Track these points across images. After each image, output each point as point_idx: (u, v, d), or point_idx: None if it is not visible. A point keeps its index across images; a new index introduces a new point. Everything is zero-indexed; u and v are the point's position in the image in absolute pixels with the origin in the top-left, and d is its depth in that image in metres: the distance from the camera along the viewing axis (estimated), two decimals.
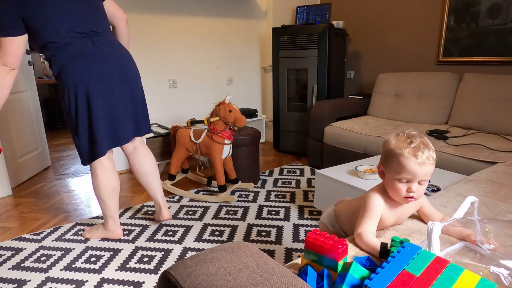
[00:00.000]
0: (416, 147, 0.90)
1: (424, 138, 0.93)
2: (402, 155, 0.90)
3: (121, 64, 1.74)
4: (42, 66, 5.05)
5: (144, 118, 1.88)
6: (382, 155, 0.99)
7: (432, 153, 0.91)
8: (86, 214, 2.26)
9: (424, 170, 0.90)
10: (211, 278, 0.58)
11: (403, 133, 0.95)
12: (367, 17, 3.28)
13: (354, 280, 0.66)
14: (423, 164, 0.89)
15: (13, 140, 2.75)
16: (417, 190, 0.92)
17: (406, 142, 0.92)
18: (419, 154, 0.89)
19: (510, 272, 0.69)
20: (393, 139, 0.95)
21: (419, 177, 0.90)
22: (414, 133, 0.94)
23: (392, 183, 0.94)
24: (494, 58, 2.50)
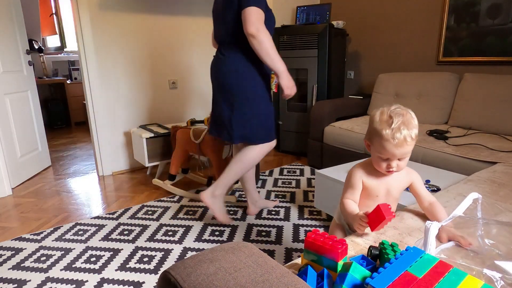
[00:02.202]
0: (395, 128, 0.92)
1: (407, 116, 0.95)
2: (382, 136, 0.95)
3: (215, 74, 1.86)
4: (42, 66, 5.05)
5: (228, 124, 1.85)
6: (368, 129, 1.03)
7: (411, 131, 0.93)
8: (86, 214, 2.26)
9: (401, 150, 0.94)
10: (211, 278, 0.58)
11: (388, 110, 0.96)
12: (367, 17, 3.28)
13: (354, 280, 0.66)
14: (400, 146, 0.93)
15: (13, 140, 2.75)
16: (397, 166, 0.98)
17: (388, 122, 0.94)
18: (397, 135, 0.92)
19: (502, 275, 0.69)
20: (378, 117, 0.97)
21: (397, 156, 0.96)
22: (398, 111, 0.95)
23: (375, 158, 1.01)
24: (494, 58, 2.50)
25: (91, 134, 2.97)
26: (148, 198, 2.49)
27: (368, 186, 1.05)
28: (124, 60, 2.96)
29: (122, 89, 2.99)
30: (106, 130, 2.97)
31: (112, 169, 3.06)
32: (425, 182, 1.66)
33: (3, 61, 2.66)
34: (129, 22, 2.92)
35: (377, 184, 1.05)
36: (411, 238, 0.98)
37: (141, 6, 2.95)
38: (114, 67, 2.92)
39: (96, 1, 2.73)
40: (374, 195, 1.05)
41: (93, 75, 2.82)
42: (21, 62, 2.92)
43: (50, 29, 5.24)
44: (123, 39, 2.91)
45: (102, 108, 2.91)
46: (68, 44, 5.47)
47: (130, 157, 3.12)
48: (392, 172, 1.00)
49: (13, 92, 2.78)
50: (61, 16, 5.28)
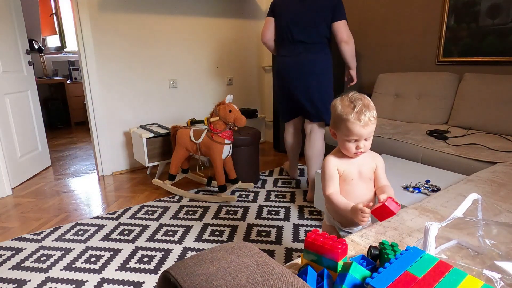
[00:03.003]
0: (358, 111, 1.02)
1: (365, 99, 1.05)
2: (348, 120, 1.03)
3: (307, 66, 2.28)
4: (42, 66, 5.05)
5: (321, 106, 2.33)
6: (332, 119, 1.11)
7: (373, 112, 1.04)
8: (86, 214, 2.26)
9: (368, 130, 1.03)
10: (211, 278, 0.58)
11: (347, 97, 1.06)
12: (367, 17, 3.28)
13: (354, 280, 0.66)
14: (366, 125, 1.02)
15: (13, 140, 2.75)
16: (364, 146, 1.06)
17: (350, 107, 1.03)
18: (362, 117, 1.02)
19: (502, 276, 0.69)
20: (339, 104, 1.06)
21: (364, 136, 1.04)
22: (355, 96, 1.05)
23: (343, 143, 1.08)
24: (494, 58, 2.50)
25: (91, 134, 2.97)
26: (148, 198, 2.49)
27: (342, 172, 1.11)
28: (124, 60, 2.96)
29: (122, 89, 2.99)
30: (106, 130, 2.97)
31: (112, 169, 3.06)
32: (425, 182, 1.66)
33: (3, 61, 2.66)
34: (129, 22, 2.92)
35: (349, 168, 1.11)
36: (411, 238, 0.98)
37: (141, 6, 2.95)
38: (114, 67, 2.92)
39: (96, 1, 2.73)
40: (349, 179, 1.11)
41: (93, 75, 2.82)
42: (21, 62, 2.92)
43: (50, 29, 5.24)
44: (123, 39, 2.92)
45: (102, 108, 2.92)
46: (68, 44, 5.48)
47: (130, 157, 3.12)
48: (360, 153, 1.07)
49: (13, 92, 2.78)
50: (61, 16, 5.28)
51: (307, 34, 2.21)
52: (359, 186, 1.11)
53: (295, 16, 2.21)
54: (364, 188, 1.12)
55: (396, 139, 2.26)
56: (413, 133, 2.35)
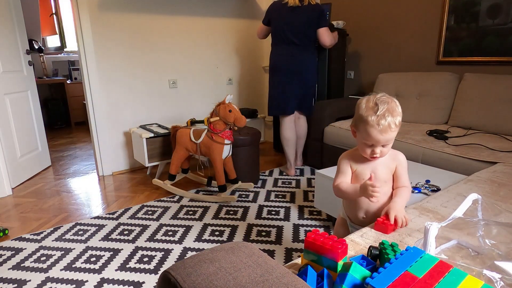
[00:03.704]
0: (380, 115, 0.97)
1: (392, 103, 0.99)
2: (367, 122, 0.98)
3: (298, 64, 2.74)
4: (42, 66, 5.05)
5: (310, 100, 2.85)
6: (354, 116, 1.06)
7: (395, 119, 0.98)
8: (86, 214, 2.26)
9: (386, 137, 0.99)
10: (211, 278, 0.58)
11: (374, 97, 1.00)
12: (367, 17, 3.28)
13: (354, 280, 0.66)
14: (385, 132, 0.97)
15: (13, 140, 2.75)
16: (380, 152, 1.02)
17: (373, 109, 0.98)
18: (382, 122, 0.96)
19: (502, 276, 0.69)
20: (364, 104, 1.01)
21: (381, 142, 1.00)
22: (383, 99, 0.99)
23: (360, 144, 1.05)
24: (494, 58, 2.50)
25: (91, 134, 2.97)
26: (148, 198, 2.49)
27: (355, 171, 1.10)
28: (124, 60, 2.96)
29: (122, 89, 2.99)
30: (106, 130, 2.97)
31: (112, 169, 3.06)
32: (425, 182, 1.66)
33: (3, 61, 2.66)
34: (129, 22, 2.92)
35: (363, 168, 1.09)
36: (411, 238, 0.98)
37: (141, 6, 2.95)
38: (114, 67, 2.92)
39: (96, 1, 2.73)
40: (361, 178, 1.09)
41: (93, 75, 2.82)
42: (21, 62, 2.92)
43: (50, 29, 5.24)
44: (123, 39, 2.91)
45: (102, 108, 2.92)
46: (68, 44, 5.47)
47: (130, 157, 3.12)
48: (376, 158, 1.04)
49: (13, 92, 2.78)
50: (61, 16, 5.28)
51: (298, 37, 2.65)
52: None
53: (288, 22, 2.65)
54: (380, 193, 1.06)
55: (396, 139, 2.26)
56: (413, 133, 2.35)
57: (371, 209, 1.11)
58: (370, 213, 1.11)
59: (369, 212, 1.12)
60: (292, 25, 2.63)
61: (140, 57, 3.03)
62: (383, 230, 1.01)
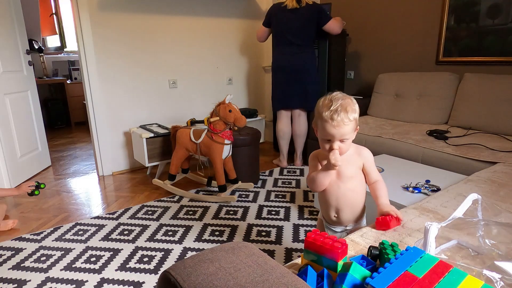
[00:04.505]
0: (333, 110, 1.00)
1: (347, 100, 1.02)
2: (322, 118, 1.02)
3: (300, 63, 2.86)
4: (42, 66, 5.05)
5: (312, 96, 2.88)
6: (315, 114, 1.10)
7: (349, 115, 1.00)
8: (86, 214, 2.26)
9: (340, 131, 1.01)
10: (211, 278, 0.58)
11: (330, 95, 1.05)
12: (367, 17, 3.28)
13: (354, 280, 0.66)
14: (338, 126, 1.00)
15: (13, 140, 2.75)
16: (339, 147, 1.04)
17: (328, 106, 1.02)
18: (335, 116, 1.00)
19: (502, 276, 0.69)
20: (321, 102, 1.05)
21: (336, 137, 1.02)
22: (338, 96, 1.03)
23: (320, 141, 1.08)
24: (494, 58, 2.50)
25: (91, 134, 2.97)
26: (148, 198, 2.49)
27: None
28: (124, 60, 2.96)
29: (122, 89, 2.99)
30: (106, 130, 2.97)
31: (112, 169, 3.06)
32: (425, 182, 1.66)
33: (3, 61, 2.66)
34: (129, 22, 2.92)
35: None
36: (411, 238, 0.98)
37: (141, 6, 2.95)
38: (114, 67, 2.92)
39: (96, 1, 2.73)
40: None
41: (93, 75, 2.82)
42: (21, 62, 2.92)
43: (50, 29, 5.24)
44: (123, 39, 2.91)
45: (102, 108, 2.92)
46: (68, 44, 5.47)
47: (130, 157, 3.12)
48: None
49: (13, 92, 2.78)
50: (61, 16, 5.28)
51: (298, 38, 2.75)
52: (338, 184, 1.11)
53: (287, 25, 2.76)
54: (344, 188, 1.11)
55: (396, 139, 2.26)
56: (413, 133, 2.35)
57: (340, 207, 1.13)
58: (341, 212, 1.13)
59: (339, 210, 1.13)
60: (292, 27, 2.74)
61: (140, 57, 3.03)
62: (385, 226, 1.01)
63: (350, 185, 1.11)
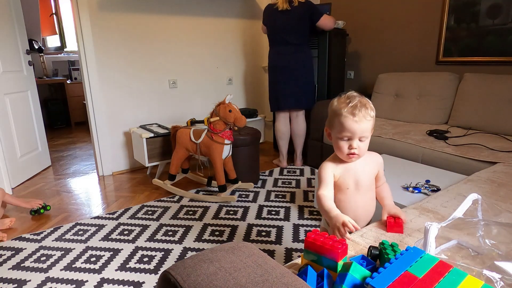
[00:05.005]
0: (353, 106, 0.97)
1: (363, 98, 1.00)
2: (341, 114, 0.98)
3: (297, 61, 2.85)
4: (42, 66, 5.05)
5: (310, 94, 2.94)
6: (328, 118, 1.07)
7: (369, 111, 0.98)
8: (86, 214, 2.26)
9: (362, 126, 0.98)
10: (211, 278, 0.58)
11: (345, 94, 1.02)
12: (367, 17, 3.28)
13: (354, 280, 0.66)
14: (360, 121, 0.97)
15: (13, 140, 2.75)
16: (358, 147, 1.00)
17: (346, 102, 0.99)
18: (356, 112, 0.97)
19: (502, 276, 0.69)
20: (336, 101, 1.03)
21: (357, 133, 0.98)
22: (354, 94, 1.01)
23: (336, 142, 1.03)
24: (494, 58, 2.50)
25: (91, 134, 2.97)
26: (148, 198, 2.49)
27: (337, 180, 1.06)
28: (124, 60, 2.96)
29: (122, 89, 2.99)
30: (106, 130, 2.97)
31: (112, 169, 3.06)
32: (425, 182, 1.66)
33: (3, 61, 2.66)
34: (129, 22, 2.92)
35: (345, 175, 1.06)
36: (411, 238, 0.98)
37: (141, 6, 2.95)
38: (114, 67, 2.92)
39: (96, 1, 2.73)
40: (344, 188, 1.06)
41: (93, 75, 2.82)
42: (21, 62, 2.92)
43: (50, 29, 5.24)
44: (123, 39, 2.91)
45: (102, 108, 2.91)
46: (68, 44, 5.47)
47: (130, 157, 3.12)
48: (354, 155, 1.00)
49: (13, 92, 2.78)
50: (61, 16, 5.28)
51: (292, 37, 2.77)
52: (356, 197, 1.06)
53: (280, 26, 2.78)
54: (361, 200, 1.06)
55: (396, 139, 2.26)
56: (413, 133, 2.34)
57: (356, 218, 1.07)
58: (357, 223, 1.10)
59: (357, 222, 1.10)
60: (285, 28, 2.76)
61: (140, 57, 3.03)
62: (398, 230, 1.01)
63: (368, 196, 1.08)
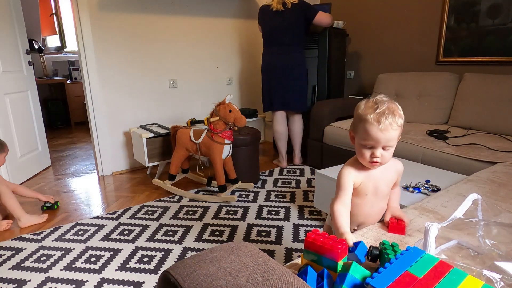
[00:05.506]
0: (380, 113, 0.91)
1: (392, 104, 0.94)
2: (366, 120, 0.93)
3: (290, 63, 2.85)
4: (42, 66, 5.05)
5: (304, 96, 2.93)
6: (353, 120, 1.01)
7: (397, 119, 0.92)
8: (86, 214, 2.26)
9: (387, 136, 0.92)
10: (211, 278, 0.58)
11: (374, 98, 0.96)
12: (367, 17, 3.28)
13: (354, 280, 0.66)
14: (385, 130, 0.91)
15: (13, 140, 2.75)
16: (381, 155, 0.94)
17: (373, 107, 0.93)
18: (382, 119, 0.91)
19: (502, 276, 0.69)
20: (363, 105, 0.96)
21: (381, 142, 0.93)
22: (383, 99, 0.94)
23: (359, 148, 0.97)
24: (494, 58, 2.50)
25: (91, 134, 2.97)
26: (148, 198, 2.49)
27: (357, 186, 1.02)
28: (124, 60, 2.96)
29: (122, 89, 2.99)
30: (106, 130, 2.97)
31: (112, 169, 3.06)
32: (425, 182, 1.66)
33: (3, 61, 2.66)
34: (129, 22, 2.92)
35: (366, 182, 1.01)
36: (411, 238, 0.98)
37: (141, 6, 2.95)
38: (114, 67, 2.92)
39: (96, 1, 2.73)
40: (363, 193, 1.03)
41: (93, 75, 2.82)
42: (21, 62, 2.92)
43: (50, 29, 5.24)
44: (123, 39, 2.91)
45: (102, 108, 2.91)
46: (68, 44, 5.47)
47: (130, 157, 3.12)
48: (376, 163, 0.96)
49: (13, 92, 2.78)
50: (61, 16, 5.28)
51: (286, 38, 2.77)
52: (372, 203, 1.04)
53: (274, 27, 2.79)
54: (377, 206, 1.05)
55: None
56: (413, 133, 2.35)
57: (366, 222, 1.09)
58: (362, 226, 1.10)
59: (362, 224, 1.10)
60: (279, 29, 2.77)
61: (140, 57, 3.03)
62: (400, 232, 1.01)
63: (383, 203, 1.06)
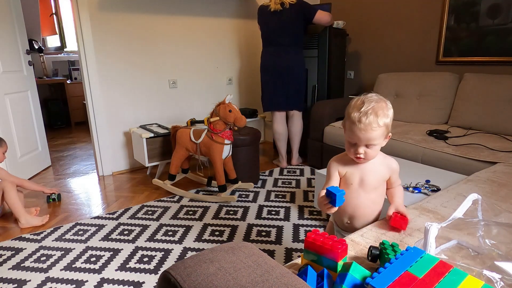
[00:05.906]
0: (363, 112, 0.94)
1: (381, 104, 0.95)
2: (350, 119, 0.96)
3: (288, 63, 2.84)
4: (42, 66, 5.05)
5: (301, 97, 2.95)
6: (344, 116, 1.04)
7: (380, 119, 0.94)
8: (86, 214, 2.26)
9: (366, 135, 0.94)
10: (211, 278, 0.58)
11: (365, 96, 0.98)
12: (367, 17, 3.28)
13: (354, 280, 0.66)
14: (364, 130, 0.94)
15: (13, 140, 2.75)
16: (364, 152, 0.98)
17: (358, 107, 0.96)
18: (363, 119, 0.93)
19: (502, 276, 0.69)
20: (353, 102, 0.99)
21: (362, 141, 0.96)
22: (372, 98, 0.96)
23: (346, 143, 1.02)
24: (494, 58, 2.50)
25: (91, 134, 2.97)
26: (148, 198, 2.49)
27: (344, 175, 1.06)
28: (124, 60, 2.96)
29: (122, 89, 2.99)
30: (106, 130, 2.97)
31: (112, 169, 3.06)
32: (425, 182, 1.66)
33: (3, 61, 2.66)
34: (129, 22, 2.92)
35: (352, 172, 1.05)
36: (411, 238, 0.98)
37: (141, 6, 2.95)
38: (114, 67, 2.92)
39: (96, 1, 2.73)
40: (349, 183, 1.05)
41: (93, 75, 2.82)
42: (21, 62, 2.92)
43: (50, 29, 5.24)
44: (123, 39, 2.91)
45: (102, 108, 2.91)
46: (68, 44, 5.47)
47: (130, 157, 3.12)
48: (360, 159, 1.00)
49: (13, 92, 2.78)
50: (61, 16, 5.28)
51: (284, 38, 2.76)
52: (358, 194, 1.05)
53: (273, 27, 2.78)
54: (364, 198, 1.06)
55: (396, 139, 2.26)
56: (413, 133, 2.35)
57: (356, 215, 1.09)
58: (354, 219, 1.10)
59: (353, 218, 1.10)
60: (277, 29, 2.76)
61: (140, 57, 3.03)
62: (401, 226, 1.00)
63: (371, 196, 1.06)
